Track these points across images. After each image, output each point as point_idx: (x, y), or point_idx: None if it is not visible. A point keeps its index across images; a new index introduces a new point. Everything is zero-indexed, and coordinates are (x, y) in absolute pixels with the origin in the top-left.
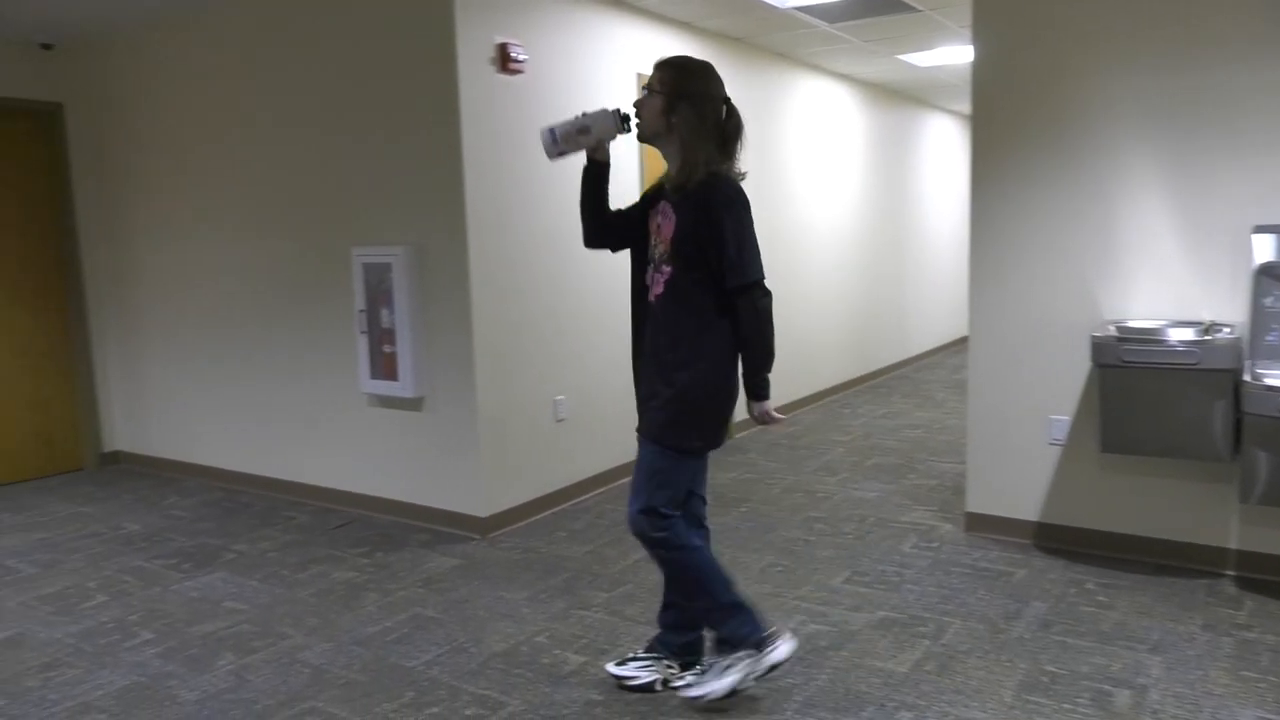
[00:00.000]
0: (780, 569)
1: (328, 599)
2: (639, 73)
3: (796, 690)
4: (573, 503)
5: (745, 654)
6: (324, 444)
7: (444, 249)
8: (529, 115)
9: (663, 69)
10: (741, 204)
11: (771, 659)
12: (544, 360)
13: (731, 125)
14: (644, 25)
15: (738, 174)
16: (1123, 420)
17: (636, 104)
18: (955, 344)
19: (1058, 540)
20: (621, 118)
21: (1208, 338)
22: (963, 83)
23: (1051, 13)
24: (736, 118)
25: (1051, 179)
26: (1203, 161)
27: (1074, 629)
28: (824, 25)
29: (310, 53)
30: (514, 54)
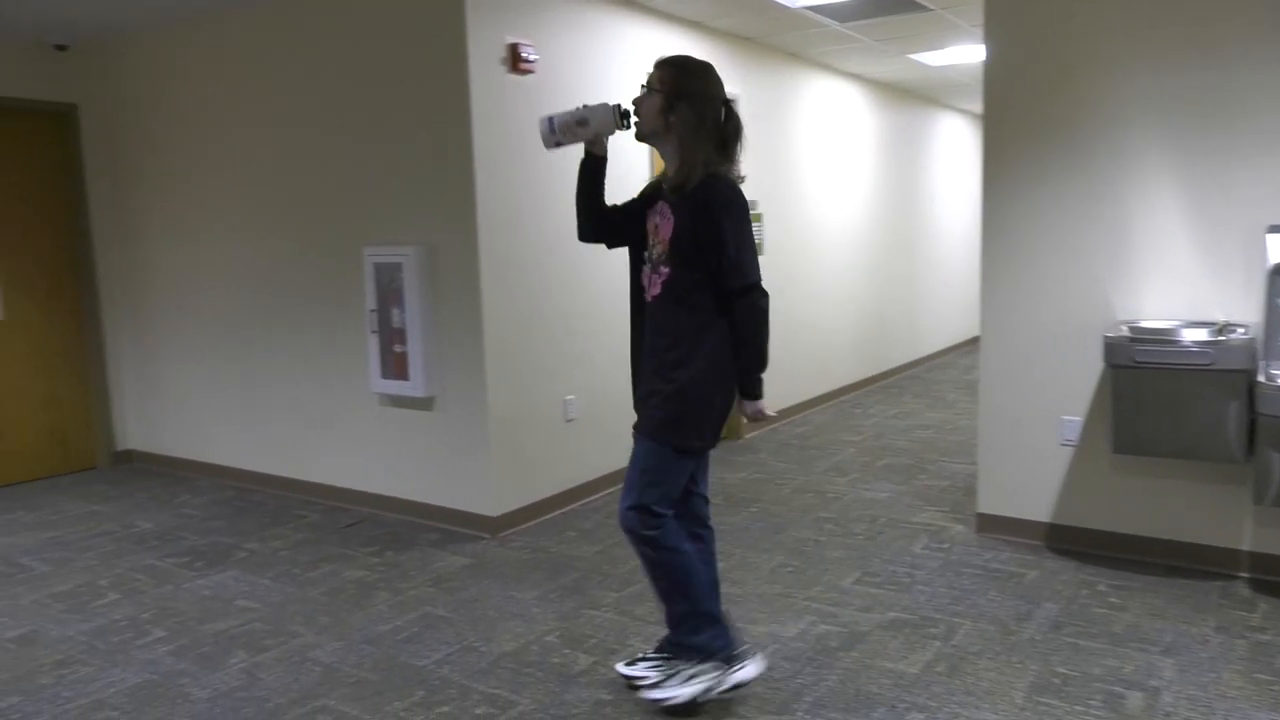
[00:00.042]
0: (790, 569)
1: (339, 598)
2: (649, 72)
3: (807, 691)
4: (583, 502)
5: (713, 666)
6: (335, 443)
7: (455, 249)
8: (540, 115)
9: (663, 67)
10: (740, 205)
11: (737, 677)
12: (554, 360)
13: (731, 127)
14: (654, 25)
15: (737, 176)
16: (1135, 421)
17: (635, 101)
18: (966, 344)
19: (1069, 541)
20: (621, 114)
21: (1222, 338)
22: (974, 82)
23: (1064, 11)
24: (736, 120)
25: (1064, 178)
26: (1217, 161)
27: (1086, 630)
28: (835, 24)
29: (322, 54)
30: (525, 54)
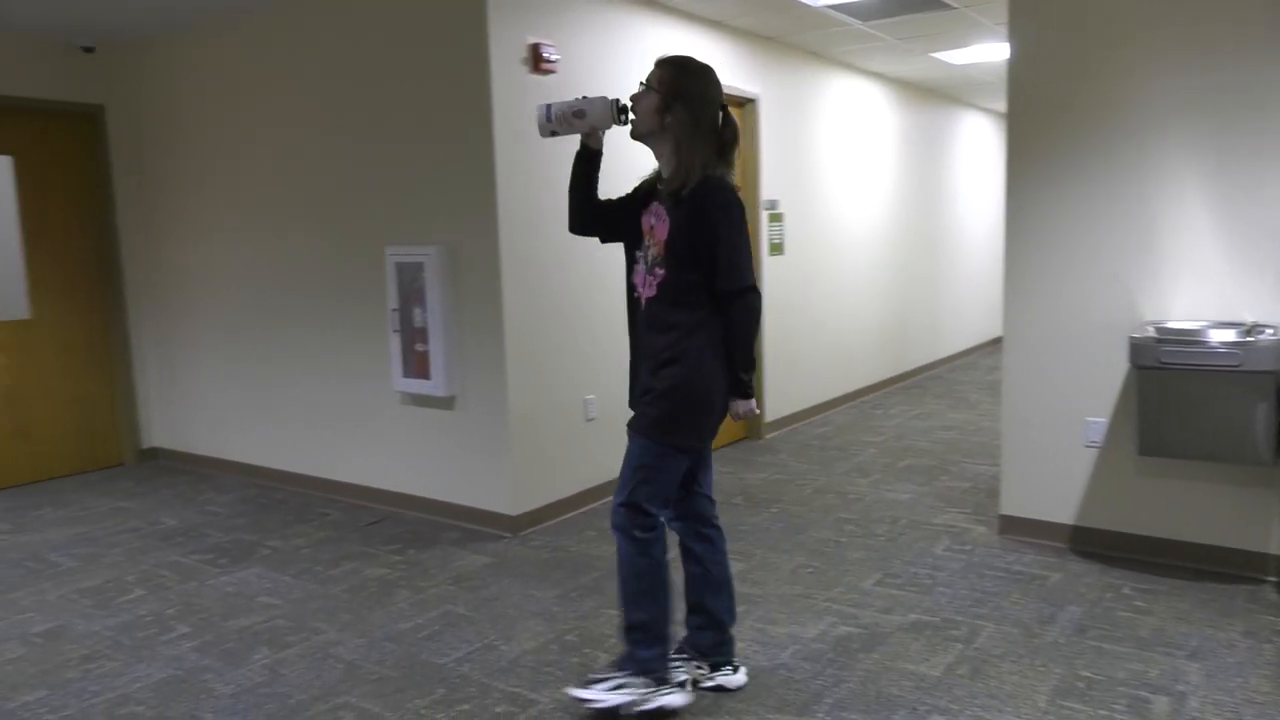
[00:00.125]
0: (811, 570)
1: (360, 595)
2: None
3: (827, 692)
4: (603, 501)
5: (643, 683)
6: (357, 442)
7: (476, 248)
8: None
9: (662, 67)
10: (737, 208)
11: (662, 701)
12: (574, 360)
13: (729, 133)
14: (675, 24)
15: (734, 182)
16: (1161, 423)
17: (633, 99)
18: (989, 344)
19: (1094, 544)
20: (619, 109)
21: (1250, 339)
22: (998, 80)
23: (1089, 8)
24: (733, 126)
25: (1089, 177)
26: (1246, 160)
27: (1110, 634)
28: (857, 23)
29: (344, 55)
30: (546, 54)
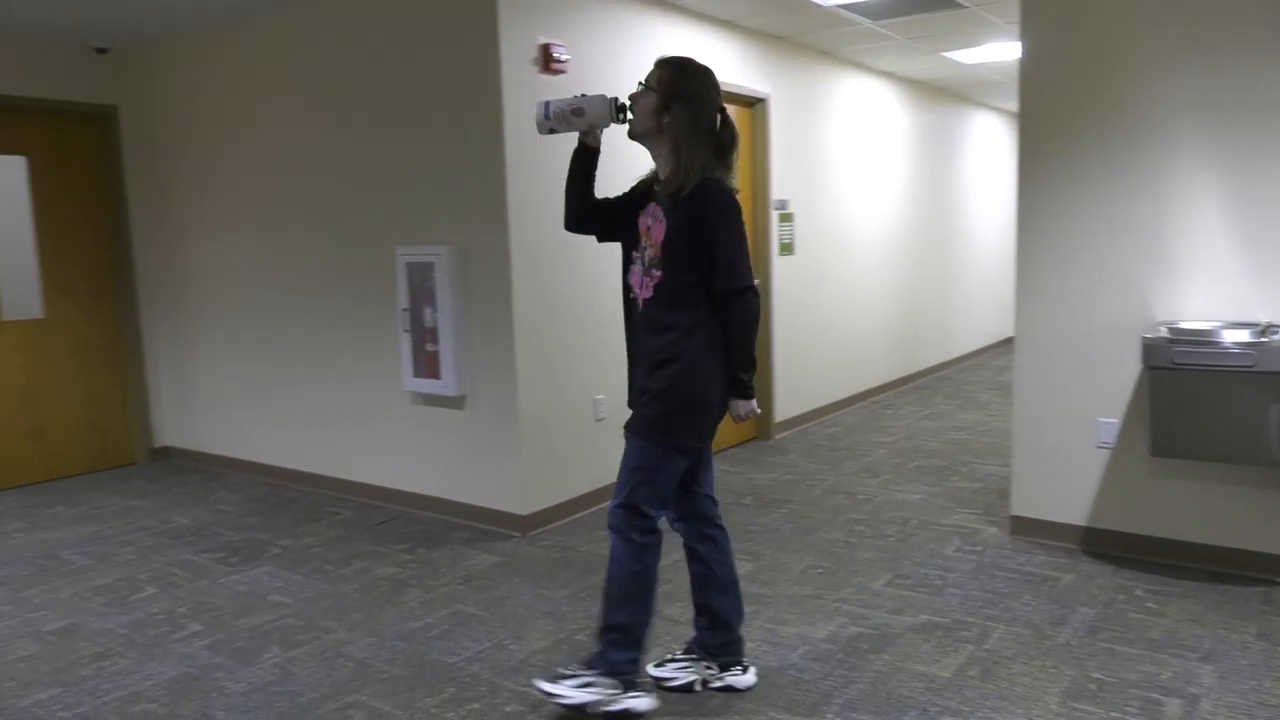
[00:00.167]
0: (821, 570)
1: (370, 594)
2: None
3: (837, 693)
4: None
5: (609, 684)
6: (367, 441)
7: (486, 248)
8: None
9: (662, 67)
10: (735, 209)
11: (627, 704)
12: (584, 359)
13: (727, 135)
14: (686, 24)
15: (733, 185)
16: (1174, 424)
17: (631, 98)
18: (999, 345)
19: (1105, 545)
20: (617, 107)
21: (1264, 339)
22: (1010, 80)
23: (1102, 7)
24: (731, 129)
25: (1102, 177)
26: (1260, 159)
27: (1122, 636)
28: (868, 23)
29: (355, 56)
30: (556, 54)
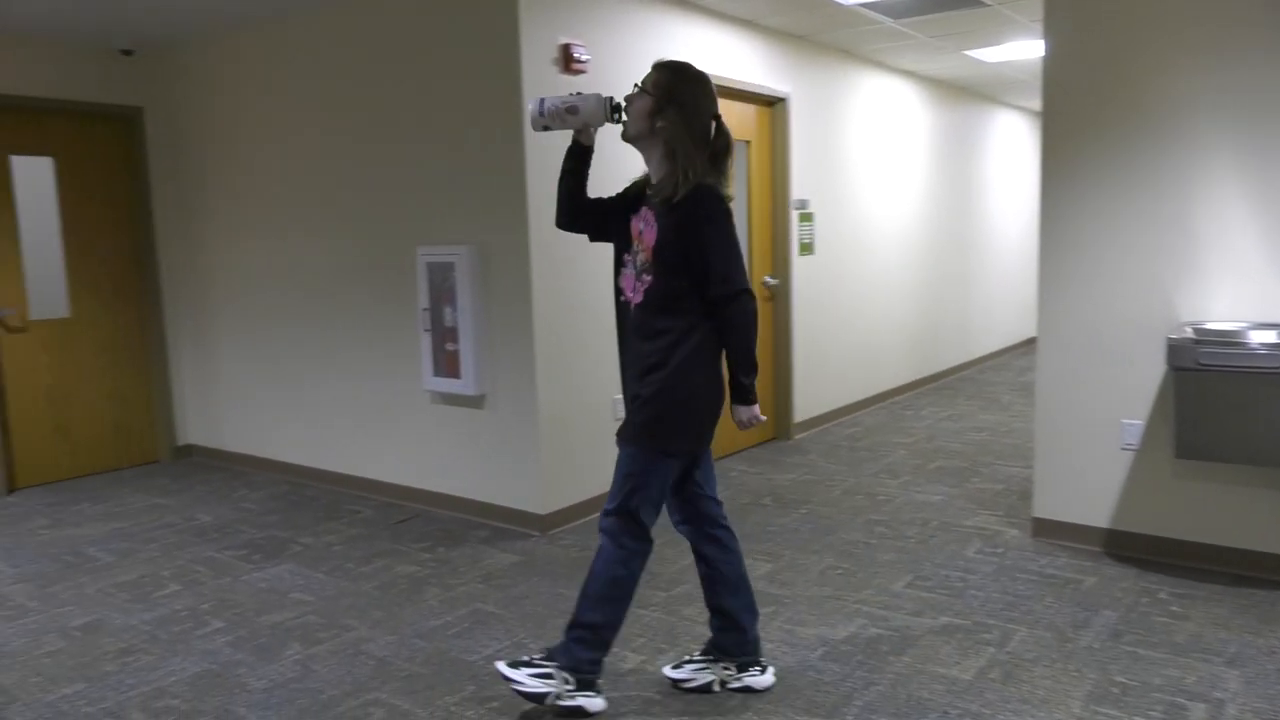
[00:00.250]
0: (840, 572)
1: (390, 592)
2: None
3: (856, 695)
4: None
5: (566, 679)
6: (387, 440)
7: (506, 248)
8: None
9: (658, 70)
10: (725, 214)
11: (580, 702)
12: (603, 359)
13: (721, 143)
14: (705, 23)
15: (726, 193)
16: (1199, 425)
17: (626, 99)
18: (1021, 345)
19: (1129, 548)
20: (612, 107)
21: None
22: (1033, 78)
23: (1126, 5)
24: (726, 136)
25: (1126, 176)
26: None
27: (1146, 639)
28: (889, 21)
29: (378, 58)
30: (577, 54)
